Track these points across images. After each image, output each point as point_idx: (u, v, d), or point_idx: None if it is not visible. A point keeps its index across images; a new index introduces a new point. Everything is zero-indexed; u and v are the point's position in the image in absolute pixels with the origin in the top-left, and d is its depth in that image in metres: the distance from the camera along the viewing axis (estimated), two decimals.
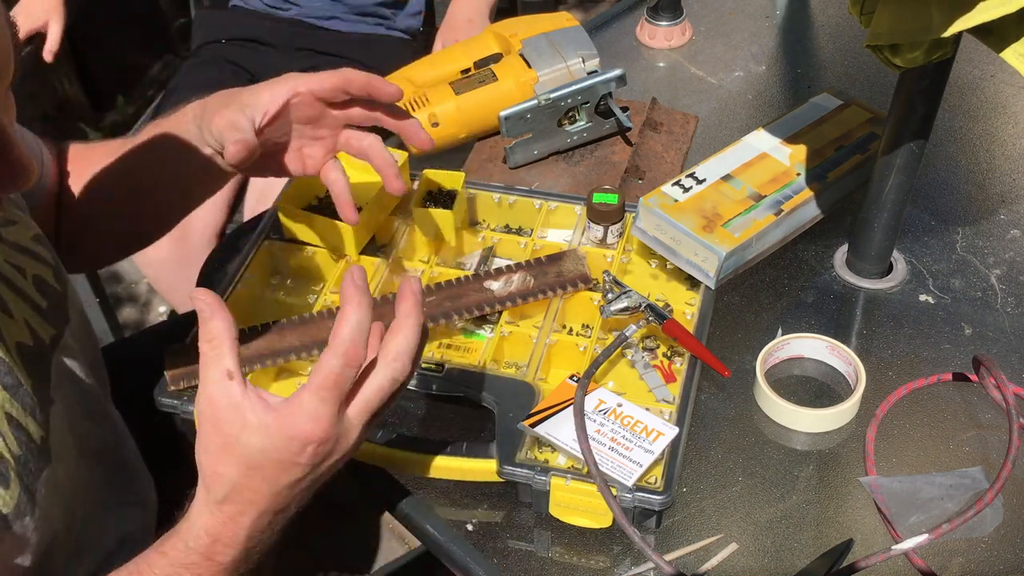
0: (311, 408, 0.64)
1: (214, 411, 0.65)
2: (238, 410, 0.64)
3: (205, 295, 0.66)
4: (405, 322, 0.67)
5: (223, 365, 0.65)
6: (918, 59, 0.78)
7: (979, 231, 1.05)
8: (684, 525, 0.82)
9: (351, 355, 0.64)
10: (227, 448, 0.65)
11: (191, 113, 0.90)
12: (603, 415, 0.81)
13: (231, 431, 0.65)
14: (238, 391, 0.65)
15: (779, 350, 0.92)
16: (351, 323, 0.64)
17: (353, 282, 0.65)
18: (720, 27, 1.38)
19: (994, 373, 0.83)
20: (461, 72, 1.18)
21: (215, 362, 0.65)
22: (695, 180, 0.98)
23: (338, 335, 0.64)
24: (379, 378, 0.66)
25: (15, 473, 0.72)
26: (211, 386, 0.65)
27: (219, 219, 1.67)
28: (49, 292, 0.83)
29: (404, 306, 0.67)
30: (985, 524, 0.78)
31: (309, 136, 0.90)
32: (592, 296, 0.93)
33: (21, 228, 0.84)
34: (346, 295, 0.65)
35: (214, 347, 0.65)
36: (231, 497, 0.66)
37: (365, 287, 0.65)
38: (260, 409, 0.64)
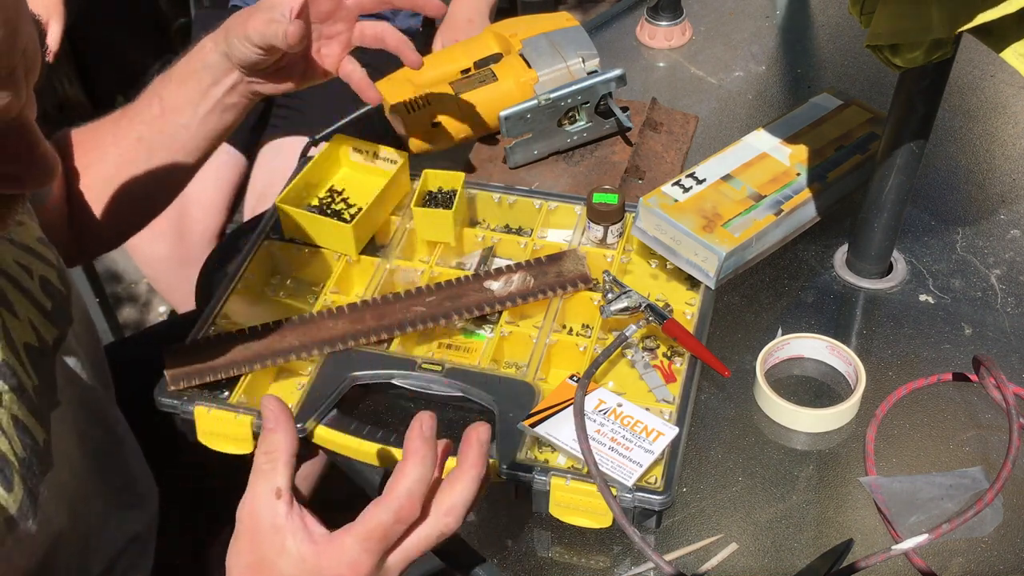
0: (352, 555, 0.63)
1: (255, 525, 0.65)
2: (279, 533, 0.64)
3: (275, 405, 0.66)
4: (467, 474, 0.65)
5: (275, 482, 0.64)
6: (918, 59, 0.78)
7: (979, 231, 1.05)
8: (684, 525, 0.82)
9: (404, 512, 0.63)
10: (260, 566, 0.65)
11: (210, 44, 0.91)
12: (603, 415, 0.81)
13: (267, 552, 0.64)
14: (283, 512, 0.64)
15: (779, 350, 0.92)
16: (411, 479, 0.63)
17: (421, 433, 0.64)
18: (720, 27, 1.38)
19: (994, 373, 0.83)
20: (461, 72, 1.18)
21: (267, 476, 0.65)
22: (695, 180, 0.98)
23: (395, 489, 0.63)
24: (427, 531, 0.65)
25: (19, 475, 0.72)
26: (258, 500, 0.65)
27: (219, 219, 1.67)
28: (54, 293, 0.84)
29: (470, 456, 0.65)
30: (985, 524, 0.78)
31: (325, 35, 0.92)
32: (592, 296, 0.93)
33: (27, 229, 0.84)
34: (411, 447, 0.63)
35: (270, 460, 0.65)
36: None
37: (433, 439, 0.64)
38: (301, 538, 0.64)
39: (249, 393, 0.87)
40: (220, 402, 0.86)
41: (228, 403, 0.86)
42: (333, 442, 0.85)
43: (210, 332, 0.91)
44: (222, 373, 0.86)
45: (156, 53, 2.65)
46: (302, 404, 0.85)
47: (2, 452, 0.71)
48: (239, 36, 0.88)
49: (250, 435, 0.84)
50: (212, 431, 0.85)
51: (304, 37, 0.84)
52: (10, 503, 0.71)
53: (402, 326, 0.90)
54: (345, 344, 0.89)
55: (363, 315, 0.91)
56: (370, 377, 0.88)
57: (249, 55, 0.88)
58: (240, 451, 0.86)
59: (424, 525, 0.65)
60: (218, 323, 0.93)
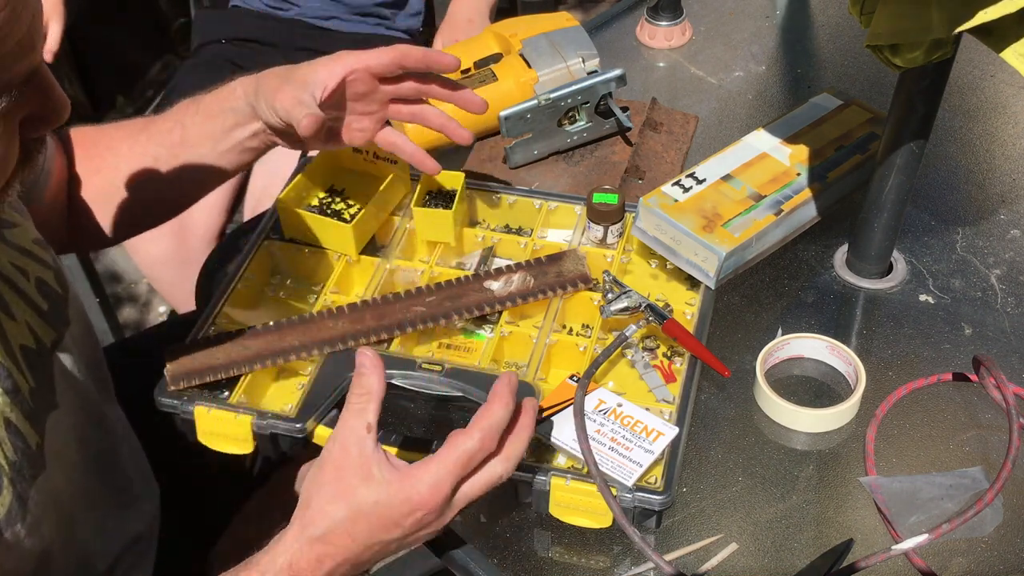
0: (437, 477, 0.69)
1: (344, 457, 0.70)
2: (366, 462, 0.69)
3: (371, 354, 0.72)
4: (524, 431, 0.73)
5: (366, 418, 0.70)
6: (918, 59, 0.78)
7: (979, 231, 1.05)
8: (684, 525, 0.82)
9: (487, 442, 0.70)
10: (343, 493, 0.69)
11: (240, 90, 0.91)
12: (603, 415, 0.81)
13: (353, 480, 0.69)
14: (371, 446, 0.69)
15: (779, 350, 0.92)
16: (496, 417, 0.70)
17: (509, 384, 0.72)
18: (720, 27, 1.38)
19: (994, 373, 0.83)
20: (461, 72, 1.18)
21: (360, 414, 0.70)
22: (695, 180, 0.98)
23: (481, 423, 0.70)
24: (495, 470, 0.72)
25: (8, 479, 0.72)
26: (348, 433, 0.70)
27: (219, 219, 1.67)
28: (50, 295, 0.83)
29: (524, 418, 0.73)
30: (985, 524, 0.78)
31: (360, 111, 0.92)
32: (592, 296, 0.93)
33: (23, 231, 0.84)
34: (498, 391, 0.71)
35: (363, 400, 0.71)
36: (327, 538, 0.69)
37: (515, 393, 0.72)
38: (386, 467, 0.69)
39: (249, 393, 0.87)
40: (220, 402, 0.86)
41: (228, 403, 0.86)
42: None
43: (210, 332, 0.91)
44: (222, 373, 0.86)
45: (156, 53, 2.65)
46: (302, 404, 0.85)
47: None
48: (267, 100, 0.88)
49: (250, 435, 0.84)
50: (212, 431, 0.85)
51: (320, 131, 0.84)
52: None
53: (402, 326, 0.90)
54: (345, 344, 0.89)
55: (363, 315, 0.91)
56: None
57: (272, 121, 0.89)
58: (240, 451, 0.86)
59: (494, 462, 0.71)
60: (218, 323, 0.93)
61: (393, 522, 0.69)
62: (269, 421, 0.84)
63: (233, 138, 0.93)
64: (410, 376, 0.87)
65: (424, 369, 0.87)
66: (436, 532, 0.72)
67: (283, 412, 0.85)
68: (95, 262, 2.06)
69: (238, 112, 0.92)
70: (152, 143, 0.96)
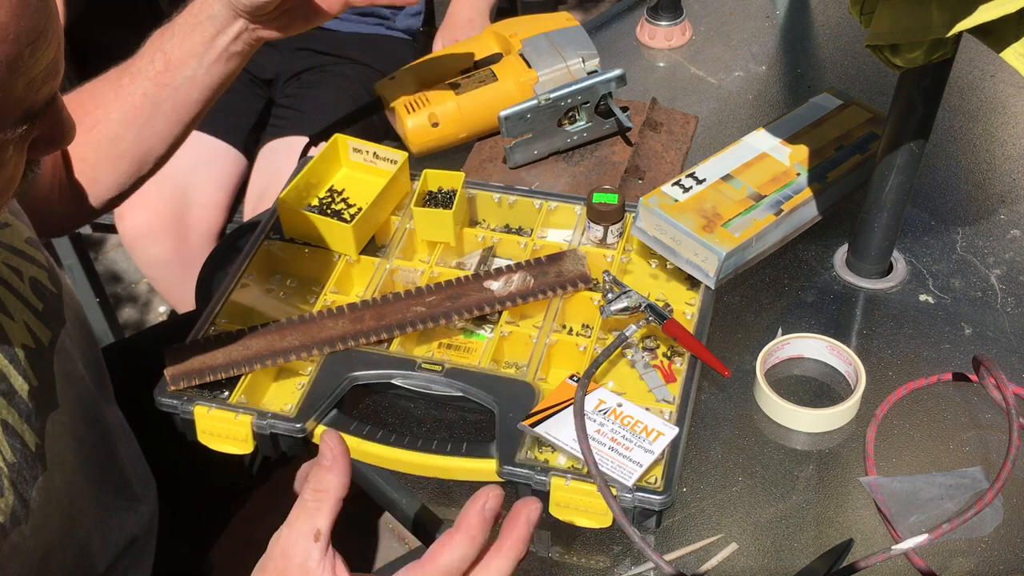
0: None
1: (285, 562, 0.63)
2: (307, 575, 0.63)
3: (335, 443, 0.64)
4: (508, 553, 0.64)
5: (316, 523, 0.63)
6: (918, 59, 0.78)
7: (979, 231, 1.05)
8: (684, 525, 0.82)
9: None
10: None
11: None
12: (603, 415, 0.81)
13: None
14: (316, 557, 0.63)
15: (779, 350, 0.92)
16: (456, 555, 0.62)
17: (481, 511, 0.63)
18: (720, 27, 1.38)
19: (994, 373, 0.83)
20: (461, 72, 1.18)
21: (311, 515, 0.63)
22: (695, 180, 0.98)
23: (436, 560, 0.62)
24: None
25: (9, 481, 0.72)
26: (294, 536, 0.63)
27: (219, 219, 1.67)
28: (45, 294, 0.83)
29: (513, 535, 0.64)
30: (985, 524, 0.78)
31: None
32: (592, 296, 0.93)
33: (15, 231, 0.83)
34: (466, 521, 0.62)
35: (317, 499, 0.63)
36: None
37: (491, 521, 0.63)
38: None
39: (249, 393, 0.87)
40: (220, 402, 0.86)
41: (228, 403, 0.86)
42: None
43: (210, 332, 0.91)
44: (222, 373, 0.86)
45: None
46: (302, 404, 0.85)
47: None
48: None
49: (250, 435, 0.84)
50: (212, 431, 0.85)
51: None
52: (3, 509, 0.71)
53: (402, 326, 0.90)
54: (345, 344, 0.89)
55: (363, 315, 0.91)
56: (370, 377, 0.88)
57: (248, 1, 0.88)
58: (240, 451, 0.86)
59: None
60: (218, 323, 0.93)
61: None
62: (269, 421, 0.84)
63: (217, 47, 0.92)
64: (410, 376, 0.87)
65: (424, 369, 0.87)
66: None
67: (283, 412, 0.85)
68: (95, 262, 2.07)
69: (216, 18, 0.91)
70: (137, 81, 0.95)
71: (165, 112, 0.96)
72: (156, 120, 0.97)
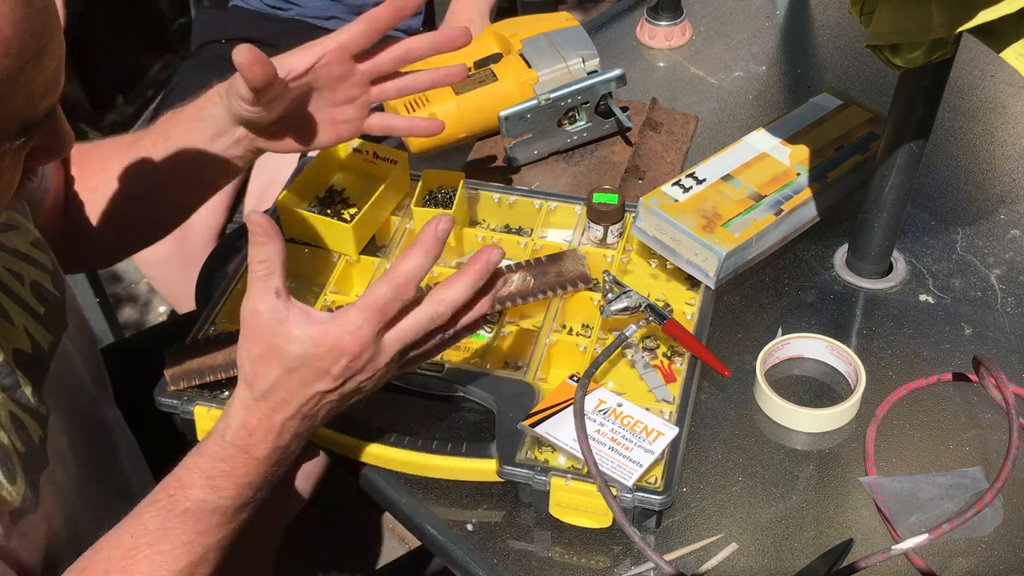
0: (354, 324, 0.69)
1: (258, 323, 0.70)
2: (282, 324, 0.70)
3: (262, 219, 0.69)
4: (462, 278, 0.72)
5: (272, 283, 0.69)
6: (918, 59, 0.78)
7: (979, 231, 1.05)
8: (684, 525, 0.82)
9: (402, 288, 0.69)
10: (270, 353, 0.70)
11: (216, 96, 0.90)
12: (603, 415, 0.81)
13: (275, 341, 0.70)
14: (282, 306, 0.70)
15: (779, 350, 0.92)
16: (413, 263, 0.69)
17: (434, 231, 0.70)
18: (720, 27, 1.38)
19: (994, 373, 0.83)
20: None
21: (265, 280, 0.70)
22: (695, 180, 0.98)
23: (397, 268, 0.69)
24: (419, 314, 0.71)
25: (21, 468, 0.73)
26: (257, 300, 0.70)
27: (219, 219, 1.67)
28: (47, 298, 0.83)
29: (472, 267, 0.72)
30: (985, 524, 0.78)
31: (341, 100, 0.90)
32: (592, 296, 0.93)
33: (21, 233, 0.84)
34: (422, 238, 0.70)
35: (266, 267, 0.69)
36: (269, 395, 0.71)
37: (443, 241, 0.70)
38: (303, 322, 0.70)
39: None
40: (220, 402, 0.86)
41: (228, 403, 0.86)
42: (333, 442, 0.85)
43: (210, 332, 0.91)
44: (222, 373, 0.86)
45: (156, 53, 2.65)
46: None
47: (4, 445, 0.72)
48: (233, 92, 0.85)
49: None
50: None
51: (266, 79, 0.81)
52: (14, 495, 0.71)
53: None
54: None
55: None
56: None
57: (241, 112, 0.86)
58: None
59: (417, 309, 0.71)
60: (218, 323, 0.93)
61: (323, 371, 0.70)
62: None
63: (216, 147, 0.91)
64: (410, 376, 0.87)
65: (424, 369, 0.87)
66: (374, 381, 0.73)
67: None
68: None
69: (216, 119, 0.89)
70: (141, 157, 0.95)
71: (162, 194, 0.97)
72: (158, 198, 0.97)
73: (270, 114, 0.86)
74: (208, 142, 0.91)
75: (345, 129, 0.92)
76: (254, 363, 0.71)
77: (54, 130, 0.63)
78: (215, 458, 0.73)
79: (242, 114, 0.86)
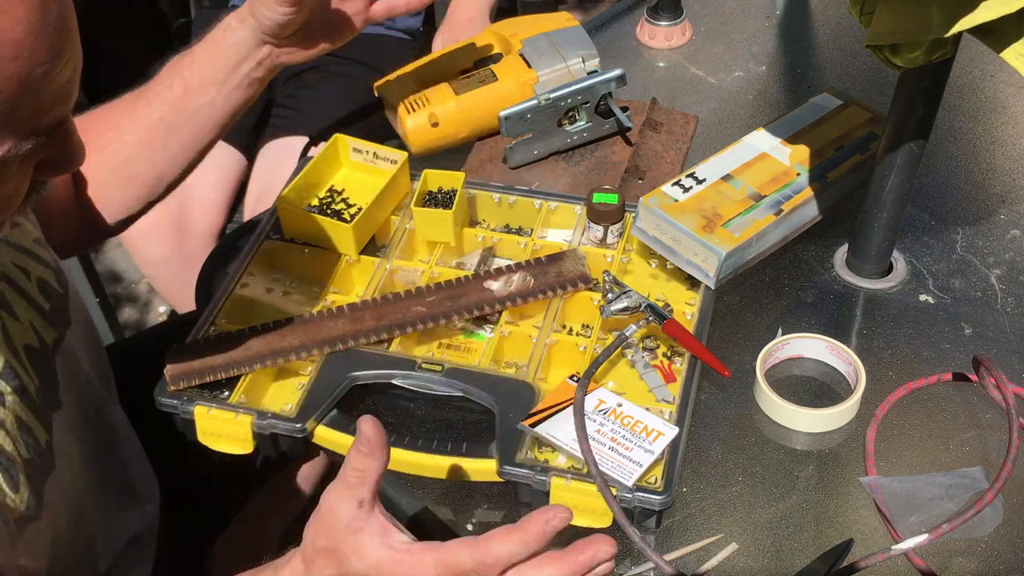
0: (424, 572, 0.65)
1: (334, 521, 0.67)
2: (356, 535, 0.66)
3: (374, 432, 0.66)
4: (558, 567, 0.65)
5: (359, 493, 0.66)
6: (918, 59, 0.78)
7: (979, 231, 1.05)
8: (684, 525, 0.82)
9: (485, 567, 0.64)
10: (334, 554, 0.68)
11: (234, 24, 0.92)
12: (603, 415, 0.81)
13: (344, 548, 0.67)
14: (362, 517, 0.66)
15: (779, 350, 0.92)
16: (508, 550, 0.64)
17: (545, 524, 0.64)
18: (720, 27, 1.38)
19: (994, 373, 0.83)
20: (461, 72, 1.18)
21: (354, 488, 0.66)
22: (695, 180, 0.98)
23: (490, 546, 0.64)
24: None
25: (24, 475, 0.73)
26: (339, 503, 0.67)
27: (219, 219, 1.67)
28: (52, 294, 0.84)
29: (572, 559, 0.65)
30: (985, 524, 0.78)
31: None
32: (592, 296, 0.93)
33: (24, 231, 0.84)
34: (528, 526, 0.64)
35: (359, 477, 0.66)
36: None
37: (549, 537, 0.65)
38: (377, 543, 0.66)
39: (249, 393, 0.87)
40: (220, 402, 0.86)
41: (228, 403, 0.86)
42: (333, 442, 0.85)
43: (210, 332, 0.91)
44: (222, 373, 0.86)
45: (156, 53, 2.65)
46: (302, 404, 0.85)
47: (7, 453, 0.72)
48: (260, 4, 0.88)
49: (250, 435, 0.84)
50: (212, 431, 0.85)
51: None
52: (18, 503, 0.71)
53: (402, 326, 0.90)
54: (345, 344, 0.89)
55: (363, 315, 0.91)
56: (370, 377, 0.88)
57: (276, 17, 0.88)
58: (240, 451, 0.86)
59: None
60: (218, 323, 0.93)
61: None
62: (269, 421, 0.84)
63: (239, 73, 0.93)
64: (410, 376, 0.87)
65: (424, 369, 0.87)
66: None
67: (283, 412, 0.85)
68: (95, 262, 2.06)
69: (239, 44, 0.91)
70: (153, 106, 0.95)
71: (180, 137, 0.97)
72: (171, 144, 0.97)
73: (301, 16, 0.89)
74: (230, 71, 0.93)
75: (358, 21, 0.95)
76: (317, 552, 0.69)
77: (65, 143, 0.62)
78: None
79: (277, 21, 0.89)
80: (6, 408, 0.73)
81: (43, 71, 0.55)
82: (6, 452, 0.72)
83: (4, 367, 0.74)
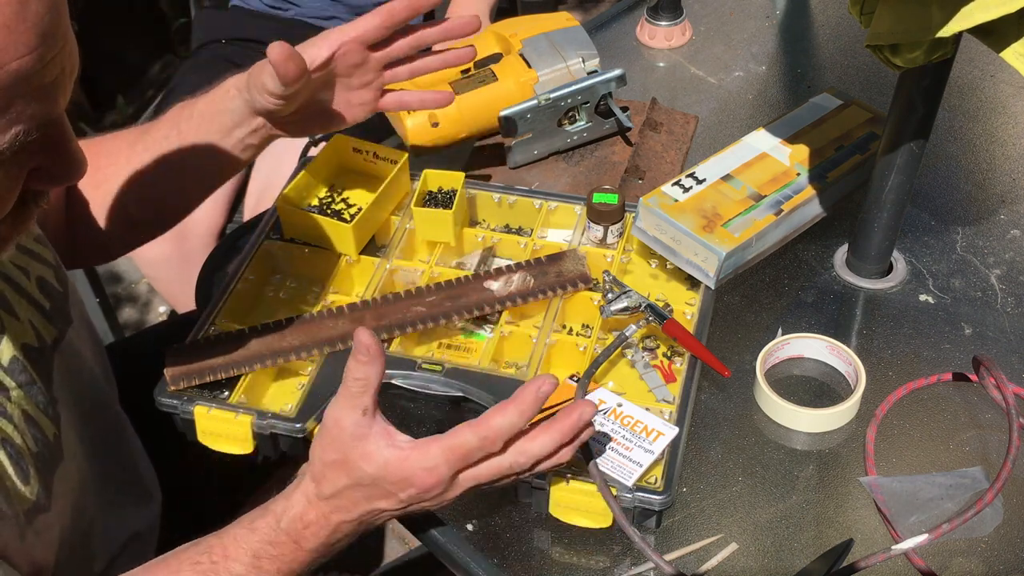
0: (431, 461, 0.69)
1: (339, 432, 0.71)
2: (362, 441, 0.70)
3: (370, 341, 0.69)
4: (549, 433, 0.70)
5: (362, 401, 0.70)
6: (918, 59, 0.78)
7: (979, 231, 1.05)
8: (684, 525, 0.82)
9: (489, 441, 0.69)
10: (343, 464, 0.71)
11: (233, 89, 0.91)
12: (603, 415, 0.81)
13: (352, 455, 0.70)
14: (366, 423, 0.70)
15: (779, 350, 0.92)
16: (507, 421, 0.68)
17: (536, 392, 0.68)
18: (720, 27, 1.38)
19: (994, 373, 0.83)
20: (461, 72, 1.18)
21: (356, 397, 0.70)
22: (695, 180, 0.98)
23: (489, 421, 0.69)
24: (499, 463, 0.71)
25: (34, 468, 0.73)
26: (343, 412, 0.71)
27: (219, 219, 1.67)
28: (51, 293, 0.84)
29: (561, 423, 0.70)
30: (985, 524, 0.78)
31: (356, 85, 0.93)
32: (592, 296, 0.93)
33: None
34: (522, 395, 0.68)
35: (361, 385, 0.70)
36: (333, 499, 0.72)
37: (542, 402, 0.69)
38: (383, 444, 0.70)
39: (249, 393, 0.87)
40: (220, 402, 0.86)
41: (228, 403, 0.86)
42: None
43: (210, 332, 0.91)
44: (222, 373, 0.86)
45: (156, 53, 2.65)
46: (302, 404, 0.85)
47: (17, 445, 0.72)
48: (256, 86, 0.87)
49: (250, 435, 0.84)
50: (212, 431, 0.85)
51: (299, 76, 0.83)
52: (28, 495, 0.72)
53: (402, 326, 0.90)
54: (345, 344, 0.89)
55: (363, 315, 0.91)
56: None
57: (266, 104, 0.88)
58: (240, 451, 0.86)
59: (498, 456, 0.71)
60: (218, 323, 0.93)
61: (391, 494, 0.71)
62: (269, 421, 0.84)
63: (233, 137, 0.93)
64: (410, 376, 0.87)
65: (424, 369, 0.87)
66: (441, 505, 0.74)
67: (283, 412, 0.85)
68: None
69: (235, 112, 0.91)
70: (150, 151, 0.95)
71: (171, 186, 0.97)
72: (162, 191, 0.97)
73: (292, 105, 0.89)
74: (225, 134, 0.93)
75: (360, 111, 0.95)
76: (326, 466, 0.72)
77: (59, 150, 0.61)
78: (265, 540, 0.73)
79: (266, 106, 0.88)
80: (12, 402, 0.73)
81: (17, 67, 0.54)
82: (15, 444, 0.72)
83: (11, 361, 0.74)
